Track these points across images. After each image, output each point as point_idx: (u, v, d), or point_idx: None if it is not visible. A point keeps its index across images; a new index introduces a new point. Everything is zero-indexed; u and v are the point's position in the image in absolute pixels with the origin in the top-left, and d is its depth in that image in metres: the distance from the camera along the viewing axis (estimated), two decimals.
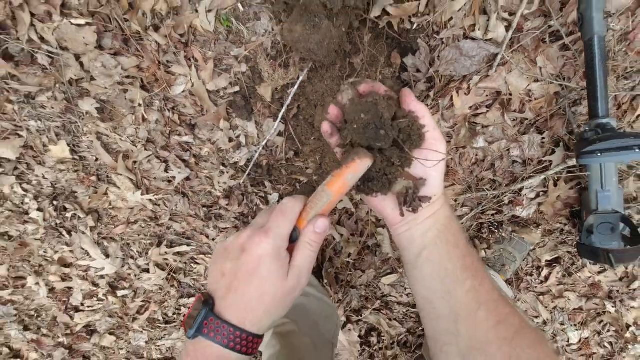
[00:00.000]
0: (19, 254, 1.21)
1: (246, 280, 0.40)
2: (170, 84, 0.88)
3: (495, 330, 0.41)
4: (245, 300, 0.40)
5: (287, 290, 0.42)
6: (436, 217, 0.46)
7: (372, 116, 0.43)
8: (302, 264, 0.43)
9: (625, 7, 0.81)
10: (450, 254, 0.45)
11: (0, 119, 0.95)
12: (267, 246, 0.40)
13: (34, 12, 0.79)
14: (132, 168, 1.04)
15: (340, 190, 0.43)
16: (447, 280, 0.44)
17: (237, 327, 0.40)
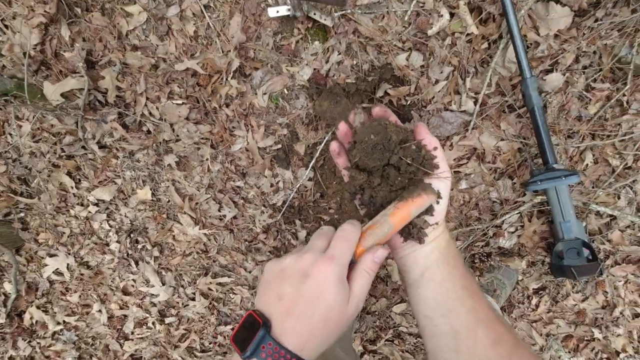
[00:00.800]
0: (93, 281, 1.47)
1: (311, 307, 0.40)
2: (231, 143, 1.23)
3: (494, 348, 0.42)
4: (308, 327, 0.40)
5: (348, 317, 0.42)
6: (438, 241, 0.49)
7: (381, 137, 0.46)
8: (361, 292, 0.43)
9: (557, 87, 1.14)
10: (450, 275, 0.47)
11: (106, 170, 1.30)
12: (333, 274, 0.40)
13: (149, 97, 1.18)
14: (194, 208, 1.35)
15: (401, 222, 0.45)
16: (447, 299, 0.46)
17: (294, 354, 0.39)
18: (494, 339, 0.44)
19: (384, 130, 0.46)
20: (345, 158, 0.53)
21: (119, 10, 1.11)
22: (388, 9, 1.11)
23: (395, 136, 0.46)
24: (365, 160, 0.48)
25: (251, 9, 1.08)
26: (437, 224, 0.49)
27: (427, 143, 0.49)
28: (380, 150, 0.47)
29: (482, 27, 1.13)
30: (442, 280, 0.47)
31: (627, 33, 1.05)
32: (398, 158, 0.47)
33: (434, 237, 0.49)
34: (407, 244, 0.49)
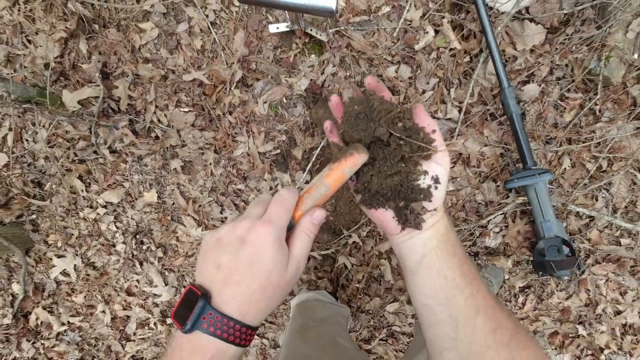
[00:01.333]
0: (98, 282, 1.53)
1: (248, 273, 0.39)
2: (234, 148, 1.32)
3: (493, 335, 0.42)
4: (248, 293, 0.40)
5: (288, 280, 0.42)
6: (436, 227, 0.48)
7: (364, 107, 0.45)
8: (301, 254, 0.43)
9: (534, 97, 1.24)
10: (449, 262, 0.46)
11: (115, 173, 1.39)
12: (270, 237, 0.40)
13: (157, 105, 1.27)
14: (197, 210, 1.42)
15: (337, 182, 0.46)
16: (446, 287, 0.45)
17: (237, 321, 0.39)
18: (494, 326, 0.43)
19: (366, 100, 0.46)
20: (339, 138, 0.51)
21: (133, 27, 1.22)
22: (378, 26, 1.22)
23: (378, 105, 0.45)
24: (350, 133, 0.47)
25: (253, 25, 1.19)
26: (435, 210, 0.48)
27: (426, 125, 0.47)
28: (363, 120, 0.46)
29: (464, 42, 1.24)
30: (440, 268, 0.46)
31: (595, 47, 1.15)
32: (385, 130, 0.45)
33: (432, 223, 0.48)
34: (405, 231, 0.48)
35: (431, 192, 0.48)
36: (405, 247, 0.49)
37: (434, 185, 0.48)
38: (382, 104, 0.46)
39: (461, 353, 0.43)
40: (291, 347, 0.91)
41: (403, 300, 1.42)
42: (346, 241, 1.40)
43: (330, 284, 1.41)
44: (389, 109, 0.46)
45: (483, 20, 1.10)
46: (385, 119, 0.46)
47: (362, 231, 1.38)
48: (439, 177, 0.47)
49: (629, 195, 1.27)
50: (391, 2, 1.21)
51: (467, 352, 0.43)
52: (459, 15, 1.21)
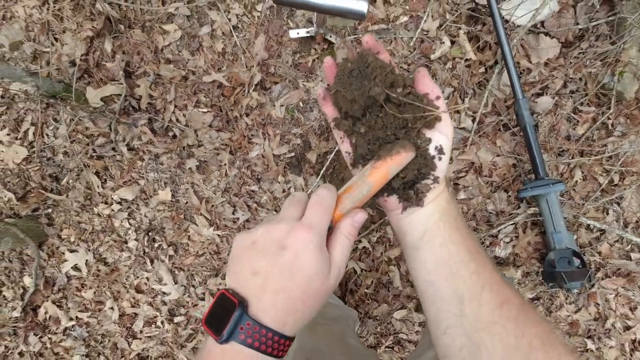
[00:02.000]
0: (108, 278, 1.55)
1: (289, 280, 0.37)
2: (249, 150, 1.34)
3: (500, 310, 0.40)
4: (288, 302, 0.37)
5: (329, 287, 0.39)
6: (438, 200, 0.45)
7: (357, 64, 0.42)
8: (342, 259, 0.41)
9: (547, 109, 1.25)
10: (452, 236, 0.44)
11: (131, 170, 1.41)
12: (312, 243, 0.37)
13: (177, 105, 1.30)
14: (210, 210, 1.44)
15: (380, 182, 0.42)
16: (450, 262, 0.43)
17: (275, 332, 0.36)
18: (500, 301, 0.41)
19: (360, 56, 0.42)
20: (333, 106, 0.47)
21: (157, 28, 1.26)
22: (395, 35, 1.25)
23: (373, 61, 0.41)
24: (342, 94, 0.43)
25: (274, 30, 1.23)
26: (437, 183, 0.45)
27: (429, 91, 0.44)
28: (357, 78, 0.42)
29: (479, 53, 1.26)
30: (443, 243, 0.44)
31: (609, 63, 1.17)
32: (380, 90, 0.41)
33: (433, 196, 0.45)
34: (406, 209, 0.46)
35: (435, 164, 0.45)
36: (405, 223, 0.46)
37: (437, 156, 0.44)
38: (377, 60, 0.42)
39: (466, 329, 0.41)
40: (302, 340, 0.91)
41: (411, 308, 1.43)
42: (356, 246, 1.40)
43: (339, 288, 1.42)
44: (385, 66, 0.42)
45: (499, 32, 1.13)
46: (381, 77, 0.42)
47: (373, 237, 1.39)
48: (443, 147, 0.45)
49: None
50: (409, 13, 1.24)
51: (472, 328, 0.41)
52: (475, 27, 1.24)
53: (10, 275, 1.59)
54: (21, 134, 1.42)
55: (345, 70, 0.42)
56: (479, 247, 0.45)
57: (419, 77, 0.44)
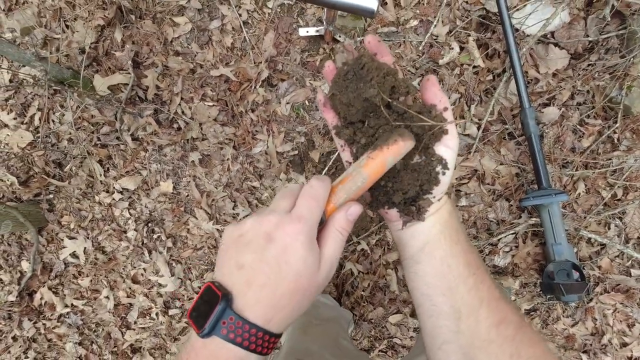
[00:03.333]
0: (105, 267, 1.55)
1: (275, 275, 0.36)
2: (253, 145, 1.34)
3: (497, 328, 0.40)
4: (274, 298, 0.36)
5: (319, 284, 0.38)
6: (440, 212, 0.44)
7: (353, 64, 0.40)
8: (334, 254, 0.39)
9: (554, 120, 1.25)
10: (452, 250, 0.43)
11: (134, 161, 1.42)
12: (301, 236, 0.36)
13: (183, 97, 1.31)
14: (210, 204, 1.44)
15: (376, 173, 0.40)
16: (449, 276, 0.43)
17: (260, 328, 0.35)
18: (498, 318, 0.40)
19: (356, 58, 0.40)
20: (333, 113, 0.46)
21: (167, 20, 1.26)
22: (405, 38, 1.25)
23: (369, 61, 0.39)
24: (338, 97, 0.41)
25: (284, 27, 1.23)
26: (439, 198, 0.44)
27: (438, 102, 0.41)
28: (352, 80, 0.39)
29: (488, 61, 1.26)
30: (443, 256, 0.43)
31: (617, 76, 1.17)
32: (375, 92, 0.39)
33: (435, 209, 0.44)
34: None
35: (438, 179, 0.43)
36: (406, 234, 0.45)
37: (441, 171, 0.43)
38: (374, 61, 0.40)
39: (462, 346, 0.40)
40: (294, 341, 0.90)
41: (406, 313, 1.42)
42: (354, 248, 1.40)
43: (335, 289, 1.41)
44: (381, 67, 0.40)
45: (509, 40, 1.12)
46: (378, 79, 0.39)
47: (372, 239, 1.39)
48: (447, 162, 0.43)
49: None
50: (419, 17, 1.24)
51: (468, 345, 0.40)
52: (484, 34, 1.24)
53: (8, 259, 1.59)
54: (27, 118, 1.42)
55: (341, 72, 0.41)
56: (479, 261, 0.44)
57: (427, 85, 0.42)
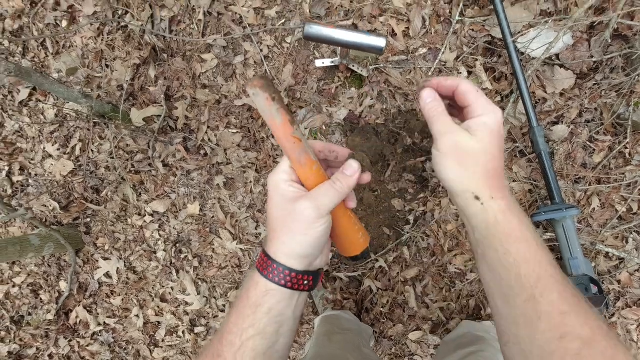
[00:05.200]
0: (136, 286, 1.64)
1: (268, 210, 0.44)
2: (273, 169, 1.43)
3: (559, 341, 0.38)
4: (269, 224, 0.44)
5: (306, 213, 0.42)
6: (484, 215, 0.43)
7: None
8: (320, 192, 0.43)
9: (563, 137, 1.29)
10: (502, 261, 0.41)
11: (165, 185, 1.52)
12: (275, 176, 0.45)
13: (210, 126, 1.42)
14: (234, 224, 1.52)
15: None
16: (502, 285, 0.42)
17: (272, 259, 0.43)
18: (561, 333, 0.38)
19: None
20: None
21: (196, 57, 1.39)
22: (414, 65, 1.33)
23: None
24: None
25: (302, 60, 1.33)
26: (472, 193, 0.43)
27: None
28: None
29: (495, 83, 1.32)
30: (494, 264, 0.42)
31: (624, 94, 1.20)
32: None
33: (474, 211, 0.43)
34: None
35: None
36: (465, 217, 0.46)
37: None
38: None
39: (524, 351, 0.40)
40: (318, 347, 0.94)
41: (426, 330, 1.43)
42: (373, 265, 1.44)
43: (355, 306, 1.45)
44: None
45: (514, 64, 1.19)
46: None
47: (389, 256, 1.43)
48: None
49: None
50: (428, 45, 1.33)
51: (530, 352, 0.40)
52: (491, 58, 1.30)
53: (48, 280, 1.70)
54: (69, 149, 1.56)
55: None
56: (541, 271, 0.41)
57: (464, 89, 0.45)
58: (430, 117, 0.45)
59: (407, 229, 1.39)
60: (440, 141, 0.43)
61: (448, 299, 1.41)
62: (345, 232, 0.49)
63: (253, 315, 0.43)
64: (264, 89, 0.40)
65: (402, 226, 1.40)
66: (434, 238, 1.40)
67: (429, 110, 0.45)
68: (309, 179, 0.44)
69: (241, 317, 0.44)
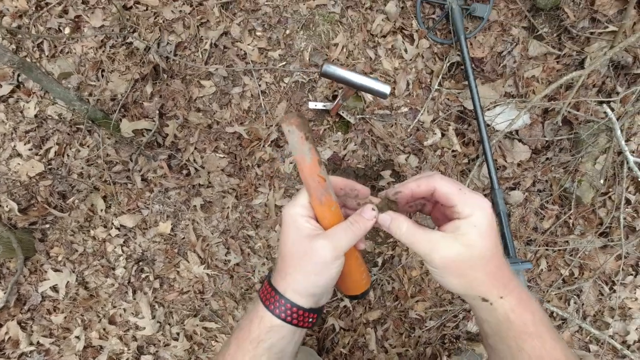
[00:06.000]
0: (85, 304, 1.53)
1: (281, 245, 0.45)
2: (254, 197, 1.46)
3: None
4: (281, 264, 0.43)
5: (319, 253, 0.42)
6: (494, 308, 0.42)
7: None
8: (336, 232, 0.43)
9: (519, 202, 1.45)
10: (515, 357, 0.42)
11: (139, 200, 1.50)
12: (292, 209, 0.44)
13: (197, 147, 1.45)
14: (204, 248, 1.51)
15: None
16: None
17: (272, 286, 0.44)
18: None
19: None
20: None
21: (195, 82, 1.46)
22: (396, 120, 1.47)
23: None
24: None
25: (296, 99, 1.44)
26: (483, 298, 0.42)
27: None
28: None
29: (464, 147, 1.48)
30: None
31: (570, 171, 1.40)
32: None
33: (484, 309, 0.43)
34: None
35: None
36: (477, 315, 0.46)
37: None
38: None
39: None
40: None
41: None
42: (338, 304, 1.46)
43: (317, 343, 1.44)
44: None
45: (482, 133, 1.36)
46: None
47: None
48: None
49: (597, 305, 1.41)
50: (409, 105, 1.49)
51: None
52: (462, 125, 1.48)
53: None
54: (43, 151, 1.51)
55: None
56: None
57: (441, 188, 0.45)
58: (404, 240, 0.44)
59: (375, 271, 1.45)
60: (430, 259, 0.42)
61: (406, 345, 1.44)
62: (351, 272, 0.49)
63: (254, 350, 0.44)
64: (300, 127, 0.40)
65: (370, 268, 1.46)
66: (398, 282, 1.46)
67: (396, 234, 0.44)
68: (326, 217, 0.44)
69: (240, 350, 0.44)
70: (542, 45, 1.43)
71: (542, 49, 1.43)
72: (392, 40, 1.46)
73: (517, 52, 1.44)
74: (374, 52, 1.46)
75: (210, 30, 1.44)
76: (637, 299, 1.39)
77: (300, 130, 0.40)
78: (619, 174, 1.35)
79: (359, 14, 1.45)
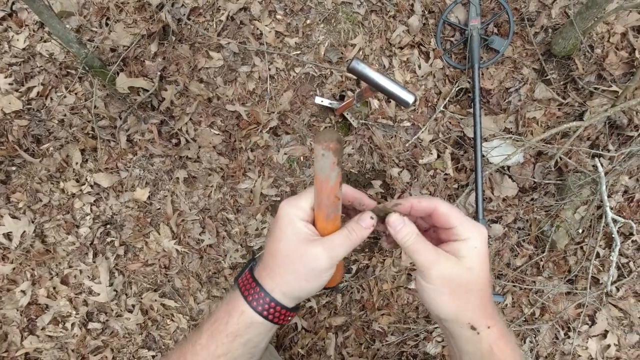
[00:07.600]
0: (38, 258, 1.43)
1: (270, 244, 0.44)
2: (241, 181, 1.42)
3: None
4: (271, 265, 0.44)
5: (311, 255, 0.41)
6: (479, 338, 0.42)
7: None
8: (332, 239, 0.42)
9: (498, 235, 1.48)
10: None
11: (119, 160, 1.42)
12: (288, 209, 0.44)
13: (192, 119, 1.39)
14: (179, 223, 1.45)
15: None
16: None
17: (254, 278, 0.44)
18: None
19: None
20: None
21: (203, 52, 1.40)
22: (397, 133, 1.47)
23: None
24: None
25: (303, 91, 1.41)
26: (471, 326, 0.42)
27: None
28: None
29: (456, 173, 1.50)
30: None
31: (551, 215, 1.44)
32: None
33: (468, 338, 0.43)
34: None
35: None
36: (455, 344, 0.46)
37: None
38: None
39: None
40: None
41: None
42: (304, 304, 1.44)
43: (276, 339, 1.41)
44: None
45: (477, 162, 1.38)
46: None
47: (322, 299, 1.44)
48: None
49: (550, 347, 1.46)
50: (412, 120, 1.49)
51: None
52: (459, 151, 1.49)
53: None
54: (25, 88, 1.41)
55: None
56: None
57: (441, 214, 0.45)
58: (408, 247, 0.42)
59: (348, 277, 1.44)
60: (428, 273, 0.41)
61: (364, 356, 1.43)
62: (335, 271, 0.50)
63: (229, 344, 0.43)
64: (335, 153, 0.37)
65: (344, 273, 1.45)
66: (368, 293, 1.45)
67: (403, 239, 0.42)
68: (326, 228, 0.44)
69: (214, 342, 0.43)
70: (548, 90, 1.47)
71: (548, 94, 1.47)
72: (409, 53, 1.46)
73: (524, 92, 1.48)
74: (389, 61, 1.45)
75: (229, 2, 1.39)
76: (588, 349, 1.45)
77: (335, 156, 0.37)
78: (595, 227, 1.40)
79: (381, 20, 1.44)
